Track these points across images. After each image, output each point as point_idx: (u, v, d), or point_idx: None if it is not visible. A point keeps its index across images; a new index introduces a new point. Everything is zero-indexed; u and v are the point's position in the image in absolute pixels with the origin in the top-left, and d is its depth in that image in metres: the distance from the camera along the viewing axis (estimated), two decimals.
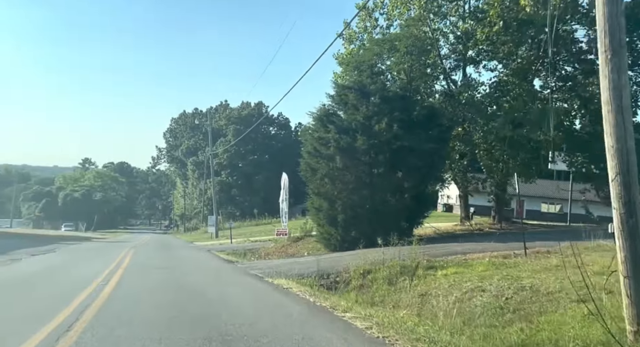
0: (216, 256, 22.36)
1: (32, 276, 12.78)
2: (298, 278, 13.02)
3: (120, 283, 10.23)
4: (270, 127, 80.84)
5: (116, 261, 16.71)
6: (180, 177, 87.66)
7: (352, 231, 18.48)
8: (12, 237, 38.14)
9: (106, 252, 22.69)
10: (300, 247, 23.63)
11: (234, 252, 25.39)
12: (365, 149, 18.00)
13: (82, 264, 16.43)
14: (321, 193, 18.99)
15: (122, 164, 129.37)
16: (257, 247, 27.41)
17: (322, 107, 19.35)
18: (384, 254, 13.71)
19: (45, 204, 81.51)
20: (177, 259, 18.86)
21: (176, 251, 26.05)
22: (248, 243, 32.29)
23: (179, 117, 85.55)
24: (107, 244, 32.67)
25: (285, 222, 26.84)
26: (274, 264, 16.68)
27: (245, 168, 74.49)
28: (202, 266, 16.68)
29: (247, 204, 72.02)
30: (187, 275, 13.05)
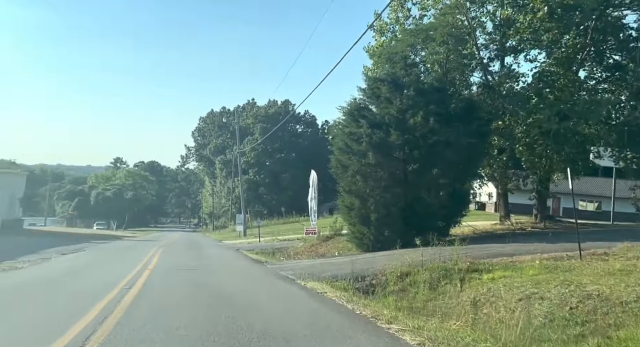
0: (245, 256, 21.76)
1: (56, 277, 12.34)
2: (331, 281, 12.23)
3: (145, 287, 9.59)
4: (297, 125, 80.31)
5: (143, 261, 16.24)
6: (208, 175, 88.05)
7: (385, 230, 17.57)
8: (46, 235, 38.59)
9: (135, 251, 22.36)
10: (330, 247, 22.84)
11: (262, 251, 24.79)
12: (399, 144, 17.05)
13: (109, 264, 16.01)
14: (352, 191, 18.13)
15: (152, 163, 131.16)
16: (285, 246, 26.77)
17: (353, 101, 18.48)
18: (423, 255, 12.77)
19: (78, 202, 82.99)
20: (205, 259, 18.29)
21: (204, 250, 25.61)
22: (276, 242, 31.71)
23: (207, 116, 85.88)
24: (137, 242, 32.56)
25: (315, 221, 26.10)
26: (304, 264, 15.91)
27: (272, 166, 74.15)
28: (230, 267, 16.02)
29: (275, 203, 71.66)
30: (216, 278, 12.38)
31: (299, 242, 28.81)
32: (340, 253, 20.12)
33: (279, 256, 22.69)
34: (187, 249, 25.43)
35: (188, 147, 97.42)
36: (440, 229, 17.86)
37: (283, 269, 14.80)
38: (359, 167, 17.47)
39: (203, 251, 24.58)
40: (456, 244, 12.92)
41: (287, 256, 22.70)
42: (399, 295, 11.59)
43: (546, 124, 16.87)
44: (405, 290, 11.80)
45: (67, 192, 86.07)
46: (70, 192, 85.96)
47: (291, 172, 72.31)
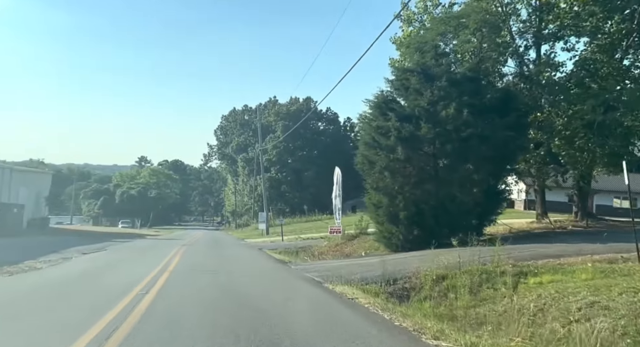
0: (268, 256, 21.02)
1: (71, 281, 11.75)
2: (361, 284, 11.34)
3: (163, 292, 8.85)
4: (319, 122, 79.45)
5: (164, 261, 15.61)
6: (231, 173, 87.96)
7: (415, 229, 16.58)
8: (71, 234, 38.65)
9: (156, 250, 21.85)
10: (356, 247, 21.92)
11: (286, 250, 24.04)
12: (430, 138, 16.03)
13: (128, 265, 15.43)
14: (380, 188, 17.19)
15: (176, 162, 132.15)
16: (309, 246, 25.96)
17: (380, 94, 17.52)
18: (460, 256, 11.76)
19: (104, 201, 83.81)
20: (227, 260, 17.61)
21: (227, 249, 24.98)
22: (299, 241, 30.94)
23: (229, 114, 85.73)
24: (159, 241, 32.19)
25: (339, 219, 25.20)
26: (331, 265, 15.05)
27: (294, 164, 73.52)
28: (254, 268, 15.24)
29: (297, 200, 71.03)
30: (239, 282, 11.59)
31: (323, 241, 27.98)
32: (367, 253, 19.21)
33: (303, 256, 21.90)
34: (210, 248, 24.83)
35: (210, 146, 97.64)
36: (474, 228, 16.74)
37: (308, 271, 13.97)
38: (387, 163, 16.51)
39: (225, 250, 23.96)
40: (497, 244, 11.87)
41: (311, 256, 21.90)
42: (435, 300, 10.63)
43: (590, 115, 15.62)
44: (443, 295, 10.83)
45: (92, 191, 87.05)
46: (96, 191, 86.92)
47: (313, 170, 71.57)
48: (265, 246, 27.95)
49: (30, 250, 21.94)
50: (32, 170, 41.00)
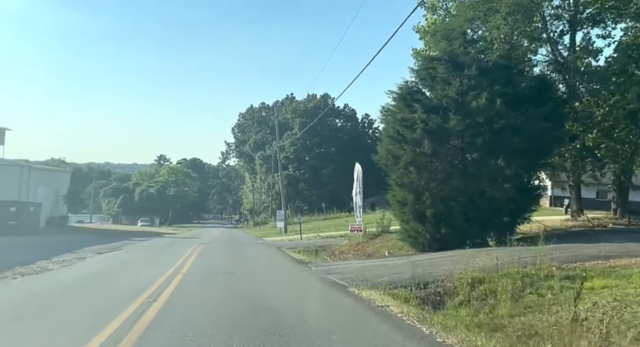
0: (287, 256, 20.16)
1: (80, 283, 11.05)
2: (389, 287, 10.39)
3: (172, 300, 8.00)
4: (337, 119, 78.44)
5: (179, 262, 14.87)
6: (248, 171, 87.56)
7: (443, 228, 15.53)
8: (89, 232, 38.42)
9: (172, 250, 21.18)
10: (378, 246, 20.93)
11: (305, 249, 23.17)
12: (459, 130, 14.94)
13: (142, 266, 14.69)
14: (405, 184, 16.16)
15: (195, 160, 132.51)
16: (329, 244, 25.06)
17: (404, 85, 16.47)
18: (497, 258, 10.72)
19: (123, 199, 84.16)
20: (245, 261, 16.81)
21: (245, 248, 24.21)
22: (319, 239, 30.06)
23: (246, 112, 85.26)
24: (176, 240, 31.62)
25: (360, 217, 24.21)
26: (354, 267, 14.10)
27: (312, 161, 72.68)
28: (272, 270, 14.36)
29: (315, 198, 70.21)
30: (256, 285, 10.73)
31: (343, 240, 27.09)
32: (390, 253, 18.21)
33: (323, 255, 21.01)
34: (227, 247, 24.09)
35: (228, 144, 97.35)
36: (506, 226, 15.63)
37: (331, 272, 13.05)
38: (412, 157, 15.46)
39: (243, 250, 23.19)
40: (540, 244, 10.79)
41: (332, 256, 21.00)
42: (473, 307, 9.61)
43: (633, 104, 14.36)
44: (481, 301, 9.80)
45: (112, 189, 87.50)
46: (116, 189, 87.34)
47: (331, 167, 70.66)
48: (283, 244, 27.14)
49: (45, 249, 21.49)
50: (50, 169, 40.89)
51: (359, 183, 24.42)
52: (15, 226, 27.33)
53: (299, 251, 22.68)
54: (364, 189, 54.00)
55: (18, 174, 34.47)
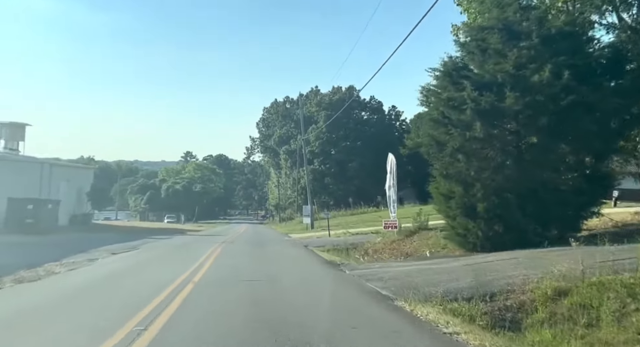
0: (315, 255, 18.20)
1: (77, 293, 9.29)
2: (446, 299, 8.34)
3: (170, 326, 6.04)
4: (363, 111, 76.02)
5: (194, 266, 13.03)
6: (273, 166, 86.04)
7: (496, 224, 13.28)
8: (111, 230, 37.29)
9: (191, 250, 19.46)
10: (416, 244, 18.74)
11: (335, 248, 21.19)
12: (517, 110, 12.61)
13: (151, 271, 12.93)
14: (451, 174, 13.94)
15: (220, 156, 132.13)
16: (360, 242, 23.00)
17: (449, 60, 14.22)
18: (582, 262, 8.49)
19: (150, 196, 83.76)
20: (268, 264, 14.91)
21: (269, 247, 22.32)
22: (348, 236, 28.02)
23: (270, 106, 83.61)
24: (199, 238, 30.04)
25: (394, 213, 22.01)
26: (395, 270, 12.00)
27: (337, 155, 70.58)
28: (302, 275, 12.30)
29: (341, 193, 68.10)
30: (283, 298, 8.75)
31: (374, 237, 25.06)
32: (432, 253, 16.03)
33: (355, 255, 19.01)
34: (250, 246, 22.24)
35: (253, 139, 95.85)
36: (571, 221, 13.29)
37: (369, 278, 11.00)
38: (461, 143, 13.22)
39: (267, 249, 21.30)
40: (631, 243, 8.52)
41: (365, 255, 18.97)
42: (558, 327, 7.44)
43: None
44: (568, 319, 7.61)
45: (139, 186, 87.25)
46: (142, 186, 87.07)
47: (358, 161, 68.45)
48: (311, 242, 25.21)
49: (60, 249, 20.10)
50: (73, 166, 39.97)
51: (392, 175, 22.23)
52: (32, 225, 26.16)
53: (328, 250, 20.71)
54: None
55: (38, 171, 33.48)
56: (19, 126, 34.59)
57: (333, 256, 17.93)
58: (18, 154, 34.62)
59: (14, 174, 31.16)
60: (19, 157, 34.15)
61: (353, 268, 13.28)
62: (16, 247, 21.40)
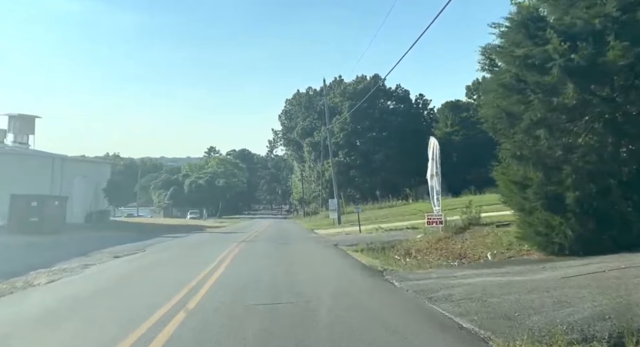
0: (349, 257, 15.16)
1: (28, 325, 6.47)
2: (573, 342, 5.22)
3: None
4: (388, 101, 72.39)
5: (203, 274, 10.18)
6: (297, 160, 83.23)
7: (590, 219, 9.98)
8: (127, 228, 34.96)
9: (203, 252, 16.64)
10: (470, 243, 15.44)
11: (369, 247, 18.14)
12: (623, 66, 9.28)
13: (152, 279, 10.17)
14: (526, 156, 10.62)
15: (243, 151, 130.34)
16: (397, 239, 19.89)
17: (524, 7, 10.91)
18: None
19: (173, 191, 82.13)
20: (294, 272, 11.96)
21: (294, 246, 19.34)
22: (381, 232, 24.91)
23: (292, 98, 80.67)
24: (217, 236, 27.32)
25: (438, 206, 18.71)
26: (462, 283, 8.82)
27: (363, 146, 67.29)
28: (337, 290, 9.12)
29: (367, 186, 64.88)
30: (313, 327, 5.72)
31: (412, 234, 21.92)
32: (495, 255, 12.79)
33: (394, 255, 15.94)
34: (272, 246, 19.24)
35: (275, 131, 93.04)
36: None
37: (431, 295, 7.87)
38: (543, 113, 9.93)
39: (292, 248, 18.32)
40: None
41: (406, 255, 15.85)
42: None
43: None
44: None
45: (162, 181, 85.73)
46: (165, 181, 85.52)
47: (384, 152, 65.08)
48: (340, 239, 22.17)
49: (57, 252, 17.63)
50: (88, 161, 37.83)
51: (435, 162, 18.92)
52: (37, 223, 23.80)
53: (362, 250, 17.65)
54: (420, 175, 48.85)
55: (49, 166, 31.28)
56: (28, 119, 32.45)
57: (370, 258, 14.87)
58: (28, 148, 32.49)
59: (23, 169, 29.02)
60: (28, 151, 32.01)
61: (403, 278, 10.17)
62: (12, 249, 19.01)
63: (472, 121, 71.31)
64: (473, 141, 68.46)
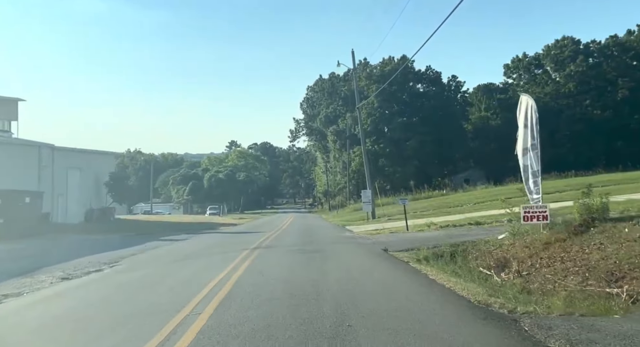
0: (421, 276, 9.39)
1: None
2: None
3: None
4: (418, 84, 65.92)
5: (187, 309, 4.64)
6: (320, 150, 77.49)
7: None
8: (129, 228, 29.86)
9: (194, 270, 11.06)
10: (615, 252, 9.51)
11: (433, 252, 12.55)
12: None
13: (107, 317, 4.64)
14: None
15: (265, 144, 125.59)
16: (464, 240, 14.21)
17: None
18: None
19: (192, 186, 77.33)
20: (334, 298, 6.33)
21: (327, 252, 13.56)
22: (435, 230, 19.13)
23: (314, 84, 74.82)
24: (228, 238, 21.81)
25: (538, 193, 12.62)
26: None
27: (392, 133, 61.18)
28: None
29: (398, 176, 58.74)
30: None
31: (480, 231, 16.31)
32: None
33: (484, 269, 10.31)
34: (299, 256, 13.40)
35: (297, 120, 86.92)
36: None
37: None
38: None
39: (325, 257, 12.48)
40: None
41: (503, 270, 10.21)
42: None
43: None
44: None
45: (181, 176, 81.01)
46: (184, 176, 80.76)
47: (416, 139, 58.82)
48: (386, 240, 16.44)
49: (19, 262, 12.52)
50: (84, 151, 32.87)
51: (531, 130, 12.80)
52: (3, 225, 18.75)
53: (425, 258, 11.98)
54: (451, 163, 41.82)
55: (35, 157, 26.32)
56: (9, 102, 27.51)
57: (450, 276, 9.20)
58: (11, 137, 27.61)
59: (3, 160, 24.09)
60: (11, 139, 27.09)
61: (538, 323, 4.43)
62: None
63: (511, 103, 64.37)
64: (514, 124, 61.59)
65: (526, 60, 61.99)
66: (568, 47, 57.77)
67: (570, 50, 57.12)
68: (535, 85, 60.23)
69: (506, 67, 64.87)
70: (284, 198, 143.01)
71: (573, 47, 57.71)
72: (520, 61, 62.25)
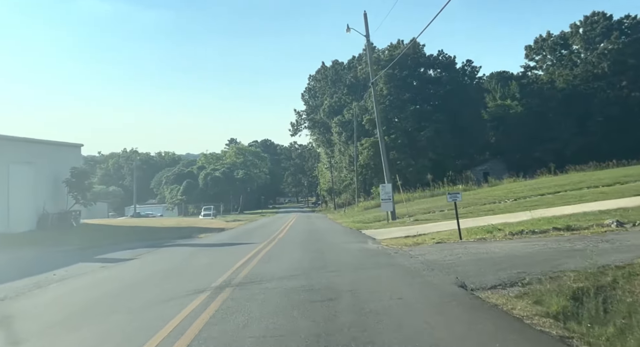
0: None
1: None
2: None
3: None
4: (430, 69, 59.35)
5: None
6: (323, 145, 70.92)
7: None
8: (85, 236, 23.46)
9: (170, 293, 4.66)
10: None
11: (557, 290, 5.85)
12: None
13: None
14: None
15: (266, 142, 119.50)
16: (587, 260, 7.66)
17: None
18: None
19: (187, 186, 71.04)
20: None
21: (355, 289, 7.10)
22: (507, 239, 12.63)
23: (317, 73, 68.31)
24: (195, 255, 15.13)
25: None
26: None
27: (404, 123, 54.70)
28: None
29: (412, 170, 52.15)
30: None
31: (583, 241, 9.92)
32: None
33: None
34: (300, 289, 7.00)
35: (298, 112, 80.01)
36: None
37: None
38: None
39: (356, 309, 5.96)
40: None
41: None
42: None
43: None
44: None
45: (174, 175, 74.72)
46: (178, 175, 74.49)
47: (430, 128, 52.30)
48: (438, 258, 9.90)
49: None
50: (34, 141, 26.51)
51: None
52: None
53: (562, 310, 5.42)
54: (466, 156, 34.96)
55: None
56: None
57: None
58: None
59: None
60: None
61: None
62: None
63: (532, 89, 57.72)
64: (538, 111, 54.89)
65: (551, 40, 55.30)
66: (600, 23, 51.11)
67: (603, 27, 50.45)
68: (562, 67, 53.57)
69: (528, 49, 58.21)
70: (286, 197, 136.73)
71: (605, 23, 51.04)
72: (545, 41, 55.56)
